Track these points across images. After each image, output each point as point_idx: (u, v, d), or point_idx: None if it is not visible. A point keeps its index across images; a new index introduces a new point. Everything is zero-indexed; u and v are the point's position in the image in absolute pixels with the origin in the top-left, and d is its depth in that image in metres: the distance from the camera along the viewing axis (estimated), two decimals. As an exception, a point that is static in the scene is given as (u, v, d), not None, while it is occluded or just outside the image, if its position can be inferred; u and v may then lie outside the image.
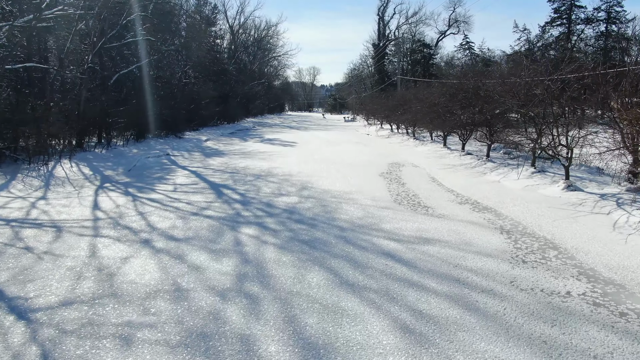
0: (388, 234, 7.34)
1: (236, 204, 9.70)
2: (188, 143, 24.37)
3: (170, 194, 10.83)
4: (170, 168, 15.46)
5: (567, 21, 49.45)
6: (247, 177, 13.29)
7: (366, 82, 72.91)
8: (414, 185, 11.95)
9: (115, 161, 16.18)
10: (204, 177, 13.31)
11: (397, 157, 18.20)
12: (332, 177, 13.16)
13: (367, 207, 9.27)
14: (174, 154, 19.36)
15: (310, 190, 11.17)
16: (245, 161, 17.05)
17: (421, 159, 17.34)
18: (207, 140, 27.09)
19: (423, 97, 20.23)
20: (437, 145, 20.49)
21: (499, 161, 14.76)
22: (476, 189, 11.24)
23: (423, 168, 15.11)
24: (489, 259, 6.16)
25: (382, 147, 22.71)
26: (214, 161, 17.28)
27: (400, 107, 25.47)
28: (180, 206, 9.46)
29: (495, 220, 8.25)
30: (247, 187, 11.59)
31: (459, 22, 56.59)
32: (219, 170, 14.71)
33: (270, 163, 16.37)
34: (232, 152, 20.54)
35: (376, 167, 15.25)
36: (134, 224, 8.04)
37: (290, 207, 9.27)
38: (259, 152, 20.37)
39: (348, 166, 15.48)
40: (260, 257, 6.24)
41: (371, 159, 17.79)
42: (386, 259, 6.16)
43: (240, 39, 64.28)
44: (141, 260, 6.15)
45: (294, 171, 14.31)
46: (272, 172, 14.23)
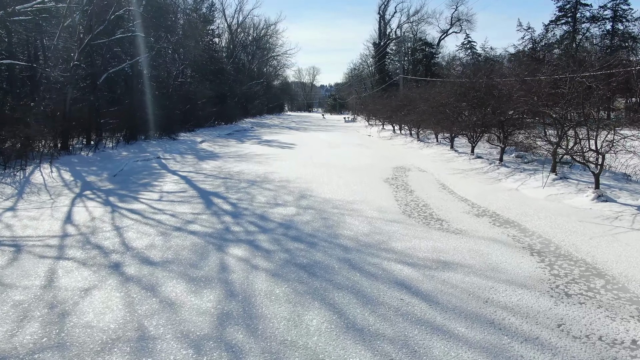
0: (400, 256, 6.29)
1: (226, 216, 8.64)
2: (182, 145, 23.32)
3: (155, 203, 9.77)
4: (159, 173, 14.40)
5: (572, 20, 48.47)
6: (241, 183, 12.24)
7: (366, 82, 71.93)
8: (423, 193, 10.90)
9: (101, 165, 15.12)
10: (194, 184, 12.25)
11: (402, 161, 17.15)
12: (333, 183, 12.11)
13: (374, 221, 8.21)
14: (165, 157, 18.30)
15: (309, 199, 10.12)
16: (240, 165, 15.99)
17: (428, 163, 16.29)
18: (202, 141, 26.04)
19: (429, 97, 19.18)
20: (444, 148, 19.44)
21: (513, 166, 13.70)
22: (493, 197, 10.19)
23: (431, 173, 14.06)
24: (525, 291, 5.11)
25: (385, 150, 21.66)
26: (207, 165, 16.22)
27: (403, 107, 24.41)
28: (163, 219, 8.40)
29: (521, 238, 7.19)
30: (239, 196, 10.53)
31: (462, 20, 55.60)
32: (211, 176, 13.65)
33: (267, 167, 15.32)
34: (227, 155, 19.49)
35: (380, 172, 14.20)
36: (107, 241, 6.98)
37: (287, 221, 8.22)
38: (255, 155, 19.31)
39: (350, 171, 14.43)
40: (249, 289, 5.19)
41: (374, 162, 16.74)
42: (400, 291, 5.11)
43: (238, 38, 63.25)
44: (105, 292, 5.09)
45: (292, 176, 13.26)
46: (268, 177, 13.18)
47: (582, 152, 9.19)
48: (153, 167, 15.57)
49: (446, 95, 16.82)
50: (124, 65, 21.54)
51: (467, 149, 18.64)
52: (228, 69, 50.00)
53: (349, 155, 19.23)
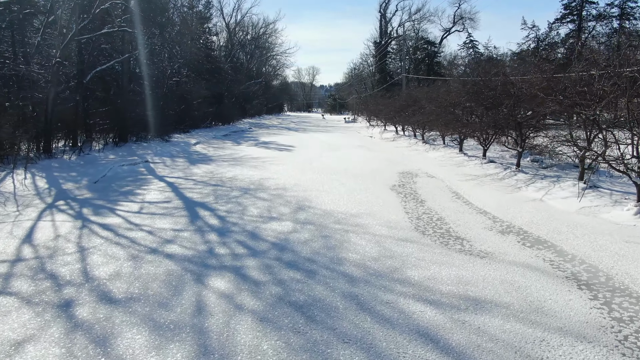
0: (419, 290, 5.13)
1: (212, 233, 7.47)
2: (174, 147, 22.15)
3: (133, 217, 8.59)
4: (145, 179, 13.23)
5: (577, 18, 47.35)
6: (233, 191, 11.07)
7: (367, 82, 70.80)
8: (436, 203, 9.73)
9: (82, 171, 13.94)
10: (180, 192, 11.08)
11: (408, 165, 15.98)
12: (334, 191, 10.94)
13: (383, 240, 7.05)
14: (154, 160, 17.12)
15: (308, 211, 8.95)
16: (234, 170, 14.82)
17: (436, 168, 15.12)
18: (196, 143, 24.87)
19: (436, 97, 18.00)
20: (452, 151, 18.27)
21: (531, 171, 12.53)
22: (516, 210, 9.02)
23: (441, 179, 12.89)
24: (587, 347, 3.94)
25: (389, 152, 20.49)
26: (198, 169, 15.05)
27: (408, 107, 23.23)
28: (139, 237, 7.23)
29: (561, 263, 6.03)
30: (230, 207, 9.36)
31: (464, 18, 54.45)
32: (201, 182, 12.48)
33: (263, 172, 14.15)
34: (221, 158, 18.32)
35: (385, 178, 13.04)
36: (65, 269, 5.81)
37: (282, 240, 7.05)
38: (251, 158, 18.15)
39: (352, 177, 13.27)
40: (229, 343, 4.02)
41: (378, 166, 15.58)
42: (425, 346, 3.94)
43: (237, 37, 62.08)
44: (41, 349, 3.93)
45: (290, 183, 12.10)
46: (263, 184, 12.01)
47: (622, 159, 8.01)
48: (139, 173, 14.40)
49: (456, 94, 15.62)
50: (112, 63, 20.35)
51: (477, 152, 17.48)
52: (226, 68, 48.84)
53: (351, 158, 18.07)
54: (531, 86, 11.22)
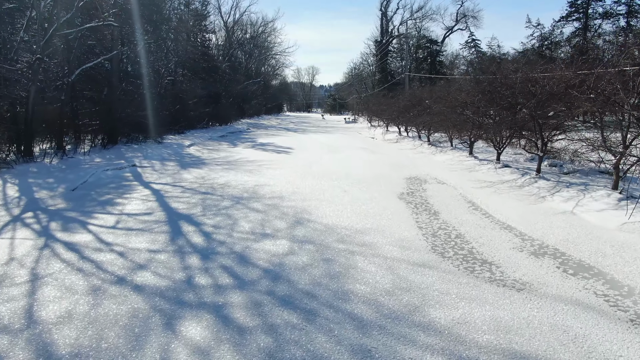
0: (448, 342, 4.01)
1: (193, 255, 6.35)
2: (167, 149, 21.01)
3: (106, 233, 7.47)
4: (129, 185, 12.10)
5: (583, 16, 46.26)
6: (224, 201, 9.94)
7: (367, 82, 69.74)
8: (452, 215, 8.61)
9: (61, 176, 12.81)
10: (165, 202, 9.95)
11: (415, 169, 14.86)
12: (336, 201, 9.82)
13: (396, 265, 5.93)
14: (142, 164, 15.98)
15: (307, 226, 7.83)
16: (227, 175, 13.70)
17: (445, 172, 13.99)
18: (190, 145, 23.73)
19: (444, 96, 16.85)
20: (461, 154, 17.15)
21: (553, 178, 11.41)
22: (545, 224, 7.90)
23: (453, 186, 11.77)
24: None
25: (393, 155, 19.37)
26: (189, 175, 13.92)
27: (412, 107, 22.12)
28: (107, 261, 6.10)
29: (619, 299, 4.91)
30: (218, 221, 8.23)
31: (467, 16, 53.32)
32: (189, 190, 11.36)
33: (258, 178, 13.03)
34: (214, 162, 17.19)
35: (392, 184, 11.92)
36: (5, 307, 4.70)
37: (275, 265, 5.93)
38: (247, 162, 17.02)
39: (356, 183, 12.15)
40: None
41: (383, 171, 14.45)
42: None
43: (235, 36, 60.95)
44: None
45: (287, 191, 10.98)
46: (258, 192, 10.89)
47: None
48: (124, 178, 13.27)
49: (468, 94, 14.45)
50: (99, 60, 19.20)
51: (488, 155, 16.37)
52: (223, 67, 47.73)
53: (353, 162, 16.94)
54: (559, 82, 10.09)
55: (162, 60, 29.86)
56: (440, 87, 21.89)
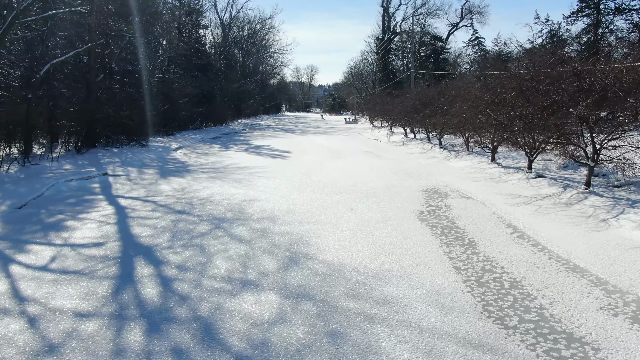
0: None
1: (137, 324, 4.32)
2: (150, 153, 18.96)
3: (28, 280, 5.44)
4: (90, 201, 10.06)
5: (594, 11, 44.29)
6: (200, 224, 7.91)
7: (368, 81, 67.76)
8: (493, 248, 6.59)
9: (11, 189, 10.76)
10: (126, 226, 7.92)
11: (430, 178, 12.83)
12: (342, 224, 7.80)
13: (438, 346, 3.91)
14: (116, 172, 13.93)
15: (304, 266, 5.81)
16: (212, 186, 11.68)
17: (468, 183, 11.96)
18: (178, 148, 21.69)
19: (463, 95, 14.74)
20: (480, 160, 15.13)
21: (606, 193, 9.38)
22: (627, 265, 5.86)
23: (481, 202, 9.74)
24: None
25: (402, 161, 17.34)
26: (167, 185, 11.90)
27: (422, 107, 20.08)
28: (3, 337, 4.08)
29: None
30: (186, 257, 6.20)
31: (473, 12, 51.26)
32: (162, 207, 9.33)
33: (247, 190, 11.01)
34: (201, 168, 15.16)
35: (407, 199, 9.91)
36: None
37: (255, 347, 3.90)
38: (237, 168, 14.99)
39: (364, 197, 10.13)
40: None
41: (393, 180, 12.43)
42: None
43: (232, 33, 58.90)
44: None
45: (281, 209, 8.97)
46: (245, 210, 8.87)
47: None
48: (89, 191, 11.23)
49: (494, 93, 12.30)
50: (71, 54, 17.15)
51: (513, 162, 14.35)
52: (218, 65, 45.67)
53: (359, 168, 14.92)
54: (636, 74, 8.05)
55: (150, 57, 27.81)
56: (456, 85, 19.81)
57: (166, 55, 29.63)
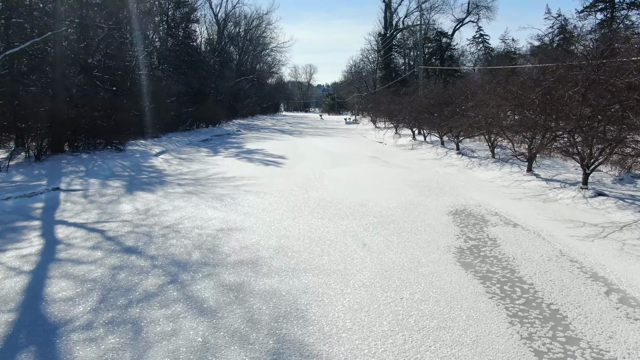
0: None
1: None
2: (125, 160, 16.52)
3: None
4: (20, 229, 7.64)
5: (609, 6, 41.95)
6: (150, 275, 5.50)
7: (368, 80, 65.36)
8: (596, 327, 4.18)
9: None
10: (43, 279, 5.50)
11: (456, 194, 10.41)
12: (353, 274, 5.40)
13: None
14: (72, 186, 11.49)
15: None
16: (185, 205, 9.26)
17: (506, 202, 9.54)
18: (159, 153, 19.26)
19: (502, 93, 12.14)
20: (511, 169, 12.72)
21: None
22: None
23: (535, 232, 7.32)
24: None
25: (416, 169, 14.92)
26: (129, 205, 9.47)
27: (439, 107, 17.63)
28: None
29: None
30: (105, 351, 3.78)
31: (480, 7, 48.78)
32: (108, 241, 6.92)
33: (228, 213, 8.60)
34: (178, 179, 12.73)
35: (437, 229, 7.50)
36: None
37: None
38: (221, 180, 12.58)
39: (379, 225, 7.72)
40: None
41: (411, 197, 10.02)
42: None
43: (227, 29, 56.39)
44: None
45: (268, 245, 6.57)
46: (218, 248, 6.48)
47: None
48: (26, 213, 8.80)
49: (549, 88, 9.78)
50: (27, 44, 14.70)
51: (552, 173, 11.96)
52: (212, 62, 43.21)
53: (366, 180, 12.51)
54: None
55: (133, 52, 25.37)
56: (475, 82, 17.36)
57: (150, 49, 27.18)
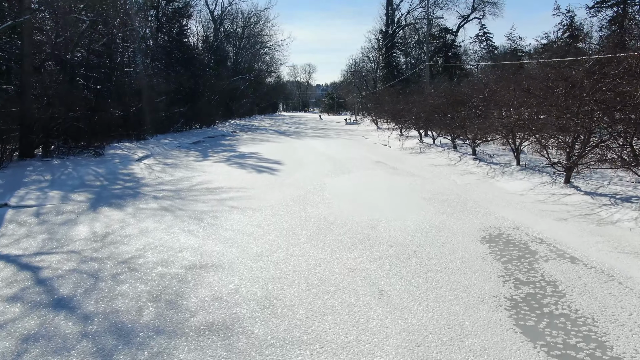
0: None
1: None
2: (100, 167, 14.71)
3: None
4: None
5: (621, 1, 40.21)
6: (69, 356, 3.71)
7: (369, 79, 63.64)
8: None
9: None
10: None
11: (484, 212, 8.64)
12: (368, 355, 3.62)
13: None
14: (25, 201, 9.68)
15: None
16: (155, 228, 7.49)
17: (549, 223, 7.77)
18: (143, 158, 17.47)
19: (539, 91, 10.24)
20: (542, 179, 10.96)
21: None
22: None
23: (607, 273, 5.55)
24: None
25: (429, 177, 13.14)
26: (86, 227, 7.70)
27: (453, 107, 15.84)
28: None
29: None
30: None
31: (486, 3, 47.03)
32: (39, 287, 5.15)
33: (205, 240, 6.82)
34: (155, 191, 10.95)
35: (472, 266, 5.73)
36: None
37: None
38: (205, 192, 10.81)
39: (396, 259, 5.95)
40: None
41: (430, 216, 8.26)
42: None
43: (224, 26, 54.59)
44: None
45: (251, 295, 4.81)
46: (181, 302, 4.72)
47: None
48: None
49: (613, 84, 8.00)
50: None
51: (595, 186, 10.17)
52: (206, 60, 41.41)
53: (374, 192, 10.74)
54: None
55: (118, 47, 23.56)
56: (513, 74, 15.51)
57: (139, 45, 25.38)
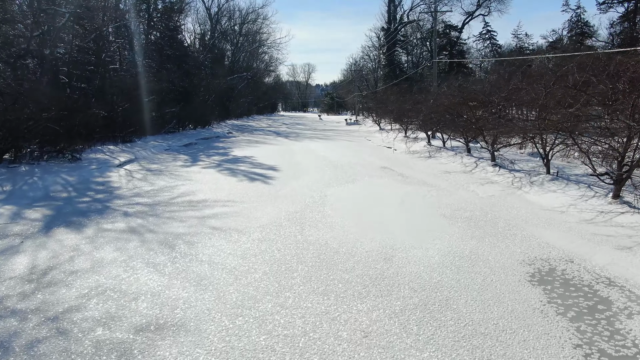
0: None
1: None
2: (73, 174, 13.11)
3: None
4: None
5: (633, -3, 38.63)
6: None
7: (369, 78, 62.11)
8: None
9: None
10: None
11: (521, 234, 7.06)
12: None
13: None
14: (-35, 220, 8.11)
15: None
16: (113, 261, 5.91)
17: (614, 255, 6.18)
18: (125, 163, 15.87)
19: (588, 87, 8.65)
20: (581, 191, 9.39)
21: None
22: None
23: None
24: None
25: (445, 187, 11.55)
26: (26, 258, 6.13)
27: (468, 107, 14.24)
28: None
29: None
30: None
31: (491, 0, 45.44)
32: None
33: (172, 282, 5.24)
34: (129, 205, 9.35)
35: (527, 322, 4.14)
36: None
37: None
38: (187, 206, 9.21)
39: (425, 315, 4.36)
40: None
41: (457, 242, 6.68)
42: None
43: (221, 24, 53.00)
44: None
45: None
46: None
47: None
48: None
49: None
50: None
51: None
52: (202, 58, 39.86)
53: (384, 208, 9.15)
54: None
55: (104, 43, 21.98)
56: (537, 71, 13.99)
57: (127, 41, 23.81)
